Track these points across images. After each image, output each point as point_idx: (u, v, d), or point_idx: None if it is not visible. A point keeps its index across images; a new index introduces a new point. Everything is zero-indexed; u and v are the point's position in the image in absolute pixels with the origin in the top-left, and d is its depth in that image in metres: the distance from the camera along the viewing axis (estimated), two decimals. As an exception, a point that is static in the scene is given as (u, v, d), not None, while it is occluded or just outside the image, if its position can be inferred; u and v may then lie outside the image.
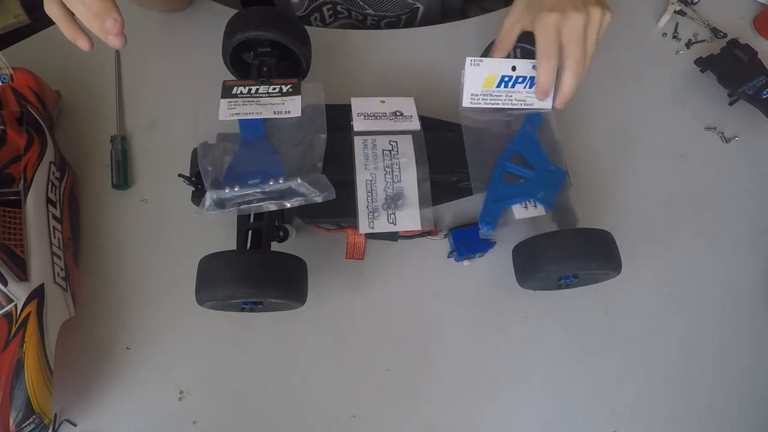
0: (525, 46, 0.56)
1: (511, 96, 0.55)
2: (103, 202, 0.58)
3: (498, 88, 0.54)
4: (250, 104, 0.52)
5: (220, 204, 0.47)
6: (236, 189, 0.47)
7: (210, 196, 0.47)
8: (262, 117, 0.51)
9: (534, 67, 0.53)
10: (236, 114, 0.51)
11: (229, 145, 0.50)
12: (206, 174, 0.48)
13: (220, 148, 0.50)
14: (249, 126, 0.51)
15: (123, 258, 0.56)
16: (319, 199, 0.47)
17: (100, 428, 0.49)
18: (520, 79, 0.54)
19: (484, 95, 0.54)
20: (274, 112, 0.52)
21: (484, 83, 0.54)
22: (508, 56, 0.56)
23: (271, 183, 0.47)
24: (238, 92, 0.53)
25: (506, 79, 0.54)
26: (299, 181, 0.47)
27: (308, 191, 0.47)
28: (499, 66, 0.53)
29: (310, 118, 0.52)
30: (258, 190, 0.47)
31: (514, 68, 0.53)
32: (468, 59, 0.53)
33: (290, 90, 0.53)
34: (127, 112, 0.62)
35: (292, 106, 0.52)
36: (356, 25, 0.79)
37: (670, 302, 0.57)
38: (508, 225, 0.51)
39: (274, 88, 0.53)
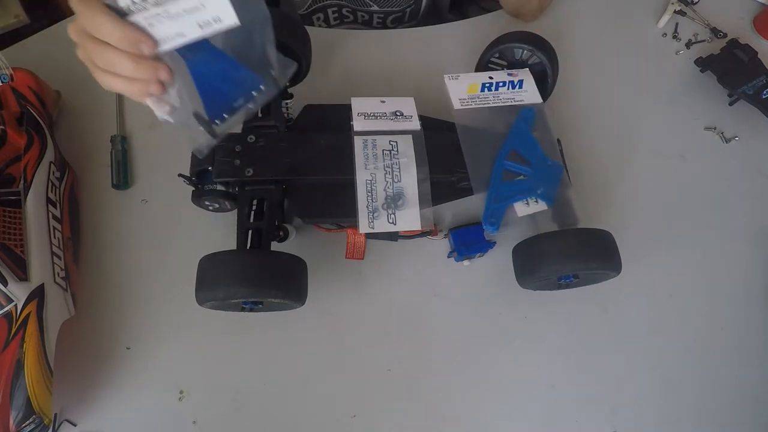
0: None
1: (498, 96, 0.56)
2: (103, 202, 0.58)
3: (483, 93, 0.56)
4: (161, 22, 0.37)
5: (213, 134, 0.42)
6: (226, 116, 0.42)
7: (205, 138, 0.42)
8: (187, 39, 0.38)
9: (509, 75, 0.56)
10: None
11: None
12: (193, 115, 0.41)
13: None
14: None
15: (123, 258, 0.56)
16: (286, 81, 0.43)
17: (100, 428, 0.49)
18: (501, 84, 0.56)
19: (472, 98, 0.56)
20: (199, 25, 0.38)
21: (468, 90, 0.56)
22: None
23: (254, 94, 0.42)
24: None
25: (488, 85, 0.56)
26: (274, 72, 0.41)
27: (280, 76, 0.42)
28: (476, 78, 0.56)
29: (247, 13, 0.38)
30: (245, 109, 0.42)
31: (491, 77, 0.56)
32: (446, 76, 0.56)
33: None
34: (127, 112, 0.62)
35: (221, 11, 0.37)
36: (362, 28, 0.79)
37: (670, 302, 0.57)
38: (511, 224, 0.51)
39: None
